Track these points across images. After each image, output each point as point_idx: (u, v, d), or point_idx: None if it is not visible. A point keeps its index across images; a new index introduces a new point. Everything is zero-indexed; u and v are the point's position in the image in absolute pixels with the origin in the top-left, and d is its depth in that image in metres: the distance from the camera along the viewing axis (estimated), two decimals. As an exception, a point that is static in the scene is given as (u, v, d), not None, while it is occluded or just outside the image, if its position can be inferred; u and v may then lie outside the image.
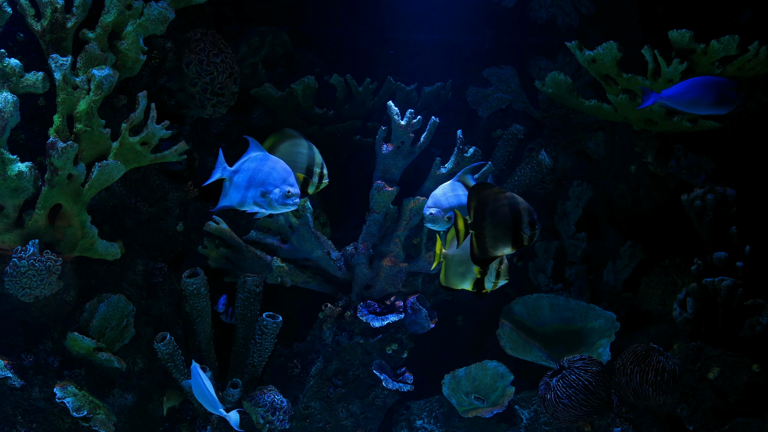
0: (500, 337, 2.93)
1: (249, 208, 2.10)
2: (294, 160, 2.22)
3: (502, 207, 1.92)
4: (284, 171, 2.07)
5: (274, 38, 3.08)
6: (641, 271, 3.13)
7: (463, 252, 2.09)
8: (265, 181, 2.05)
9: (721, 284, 2.52)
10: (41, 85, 2.18)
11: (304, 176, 2.21)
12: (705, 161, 2.83)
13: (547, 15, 3.15)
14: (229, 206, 2.12)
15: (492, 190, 1.95)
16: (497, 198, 1.93)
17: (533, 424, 2.85)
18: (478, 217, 1.94)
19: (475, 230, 1.95)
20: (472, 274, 2.13)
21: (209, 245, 2.70)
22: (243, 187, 2.08)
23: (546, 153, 2.95)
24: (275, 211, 2.10)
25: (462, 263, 2.13)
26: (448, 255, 2.15)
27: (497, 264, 2.10)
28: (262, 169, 2.07)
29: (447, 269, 2.17)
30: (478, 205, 1.94)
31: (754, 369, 2.40)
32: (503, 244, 1.94)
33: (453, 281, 2.17)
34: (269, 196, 2.05)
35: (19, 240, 2.17)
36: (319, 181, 2.24)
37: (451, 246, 2.15)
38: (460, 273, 2.14)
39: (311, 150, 2.22)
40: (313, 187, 2.24)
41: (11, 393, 2.30)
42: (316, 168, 2.23)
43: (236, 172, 2.10)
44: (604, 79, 2.63)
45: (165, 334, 2.43)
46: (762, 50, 2.35)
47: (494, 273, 2.11)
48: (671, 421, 2.46)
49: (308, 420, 2.81)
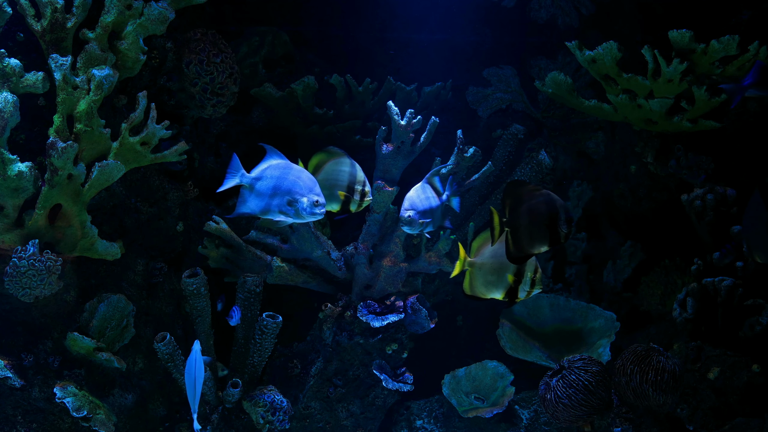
0: (500, 337, 2.93)
1: (273, 217, 2.06)
2: (336, 177, 2.19)
3: (538, 204, 1.89)
4: (310, 180, 2.04)
5: (274, 38, 3.08)
6: (641, 271, 3.13)
7: (494, 260, 2.05)
8: (292, 189, 2.02)
9: (721, 284, 2.52)
10: (41, 85, 2.18)
11: (345, 194, 2.18)
12: (705, 161, 2.83)
13: (547, 15, 3.15)
14: (248, 213, 2.09)
15: (528, 186, 1.93)
16: (533, 195, 1.90)
17: (533, 424, 2.85)
18: (513, 214, 1.92)
19: (510, 227, 1.92)
20: (504, 283, 2.07)
21: (209, 245, 2.70)
22: (267, 195, 2.04)
23: (546, 153, 2.96)
24: (302, 220, 2.06)
25: (493, 271, 2.07)
26: (476, 263, 2.10)
27: (532, 272, 2.06)
28: (287, 177, 2.03)
29: (473, 278, 2.12)
30: (513, 202, 1.92)
31: (754, 369, 2.40)
32: (540, 241, 1.91)
33: (480, 290, 2.11)
34: (297, 205, 2.01)
35: (19, 240, 2.17)
36: (361, 198, 2.20)
37: (478, 254, 2.10)
38: (490, 282, 2.09)
39: (353, 167, 2.20)
40: (355, 204, 2.20)
41: (11, 393, 2.30)
42: (358, 185, 2.20)
43: (258, 179, 2.06)
44: (604, 79, 2.63)
45: (165, 334, 2.43)
46: (762, 50, 2.35)
47: (529, 282, 2.08)
48: (671, 421, 2.46)
49: (308, 420, 2.81)
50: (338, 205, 2.21)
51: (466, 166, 2.69)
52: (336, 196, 2.19)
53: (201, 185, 2.81)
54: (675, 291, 2.93)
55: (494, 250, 2.06)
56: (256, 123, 3.03)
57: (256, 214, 2.07)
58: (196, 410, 2.22)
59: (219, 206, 2.90)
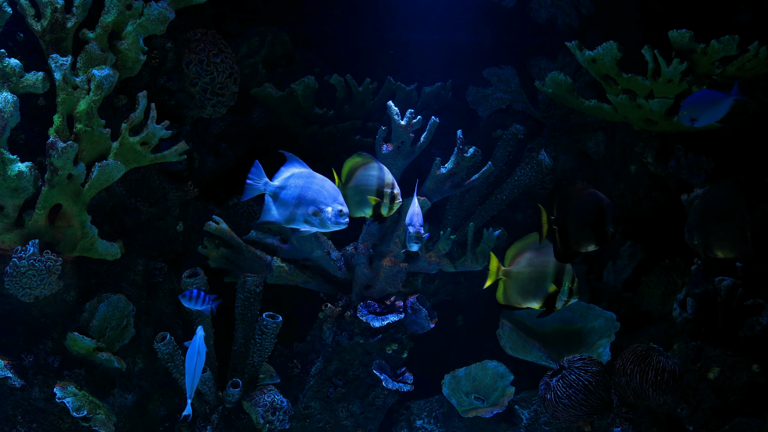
0: (500, 337, 2.93)
1: (299, 226, 2.04)
2: (366, 183, 2.17)
3: (586, 203, 1.90)
4: (333, 189, 2.03)
5: (274, 38, 3.08)
6: (641, 271, 3.13)
7: (532, 268, 2.04)
8: (317, 199, 2.00)
9: (721, 284, 2.52)
10: (41, 85, 2.18)
11: (376, 200, 2.16)
12: (705, 161, 2.83)
13: (547, 15, 3.15)
14: (272, 222, 2.08)
15: (575, 186, 1.94)
16: (581, 194, 1.91)
17: (533, 424, 2.85)
18: (561, 213, 1.92)
19: (558, 226, 1.92)
20: (542, 292, 2.06)
21: (209, 245, 2.70)
22: (291, 204, 2.02)
23: (546, 153, 2.96)
24: (326, 230, 2.04)
25: (531, 280, 2.06)
26: (512, 272, 2.08)
27: (570, 281, 2.06)
28: (311, 187, 2.02)
29: (508, 287, 2.10)
30: (561, 200, 1.92)
31: (754, 369, 2.40)
32: (587, 240, 1.91)
33: (516, 299, 2.10)
34: (322, 215, 2.00)
35: (19, 240, 2.17)
36: (391, 202, 2.19)
37: (513, 263, 2.08)
38: (528, 291, 2.07)
39: (381, 171, 2.17)
40: (386, 208, 2.19)
41: (11, 393, 2.30)
42: (387, 189, 2.17)
43: (282, 188, 2.04)
44: (604, 79, 2.63)
45: (165, 334, 2.43)
46: (762, 50, 2.35)
47: (567, 291, 2.07)
48: (671, 421, 2.46)
49: (308, 420, 2.81)
50: (370, 211, 2.20)
51: (466, 166, 2.69)
52: (367, 202, 2.17)
53: (201, 185, 2.81)
54: (675, 291, 2.92)
55: (530, 259, 2.05)
56: (256, 123, 3.03)
57: (281, 223, 2.06)
58: (192, 395, 2.22)
59: (219, 206, 2.90)
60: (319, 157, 2.59)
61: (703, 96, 2.26)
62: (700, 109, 2.25)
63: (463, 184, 2.73)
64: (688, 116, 2.27)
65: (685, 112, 2.27)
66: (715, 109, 2.24)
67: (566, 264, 2.04)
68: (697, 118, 2.26)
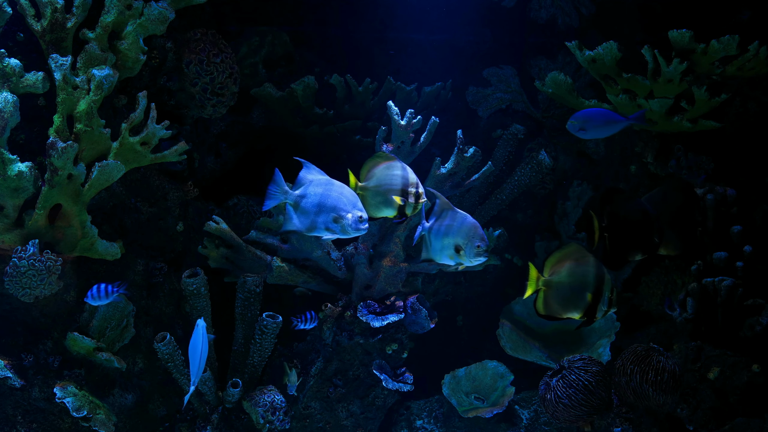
0: (500, 337, 2.93)
1: (320, 234, 2.04)
2: (390, 182, 2.16)
3: (635, 212, 1.95)
4: (352, 195, 2.03)
5: (274, 38, 3.08)
6: (641, 271, 3.13)
7: (572, 278, 2.04)
8: (337, 206, 2.00)
9: (721, 284, 2.52)
10: (41, 85, 2.18)
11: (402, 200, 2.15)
12: (705, 161, 2.83)
13: (547, 15, 3.15)
14: (293, 231, 2.07)
15: (624, 194, 1.99)
16: (629, 202, 1.95)
17: (533, 424, 2.85)
18: (612, 221, 1.96)
19: (609, 233, 1.96)
20: (583, 302, 2.06)
21: (209, 245, 2.70)
22: (312, 212, 2.02)
23: (546, 153, 2.95)
24: (347, 236, 2.04)
25: (572, 290, 2.05)
26: (552, 282, 2.08)
27: (609, 291, 2.06)
28: (330, 194, 2.01)
29: (549, 297, 2.10)
30: (611, 208, 1.96)
31: (754, 369, 2.40)
32: (635, 248, 1.96)
33: (557, 309, 2.09)
34: (343, 222, 2.00)
35: (19, 240, 2.17)
36: (416, 201, 2.18)
37: (553, 272, 2.08)
38: (569, 301, 2.06)
39: (404, 170, 2.15)
40: (410, 207, 2.18)
41: (11, 393, 2.31)
42: (411, 188, 2.17)
43: (302, 197, 2.03)
44: (604, 79, 2.63)
45: (165, 334, 2.43)
46: (762, 50, 2.36)
47: (606, 301, 2.07)
48: (671, 421, 2.46)
49: (308, 420, 2.81)
50: (394, 211, 2.19)
51: (466, 166, 2.69)
52: (391, 202, 2.17)
53: (201, 185, 2.81)
54: (675, 291, 2.92)
55: (571, 269, 2.05)
56: (256, 123, 3.03)
57: (302, 232, 2.06)
58: (195, 383, 2.23)
59: (219, 206, 2.90)
60: (320, 157, 2.59)
61: (597, 114, 2.41)
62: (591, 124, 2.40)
63: (463, 184, 2.73)
64: (577, 126, 2.41)
65: (575, 123, 2.41)
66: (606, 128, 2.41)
67: (606, 273, 2.05)
68: (586, 130, 2.42)
